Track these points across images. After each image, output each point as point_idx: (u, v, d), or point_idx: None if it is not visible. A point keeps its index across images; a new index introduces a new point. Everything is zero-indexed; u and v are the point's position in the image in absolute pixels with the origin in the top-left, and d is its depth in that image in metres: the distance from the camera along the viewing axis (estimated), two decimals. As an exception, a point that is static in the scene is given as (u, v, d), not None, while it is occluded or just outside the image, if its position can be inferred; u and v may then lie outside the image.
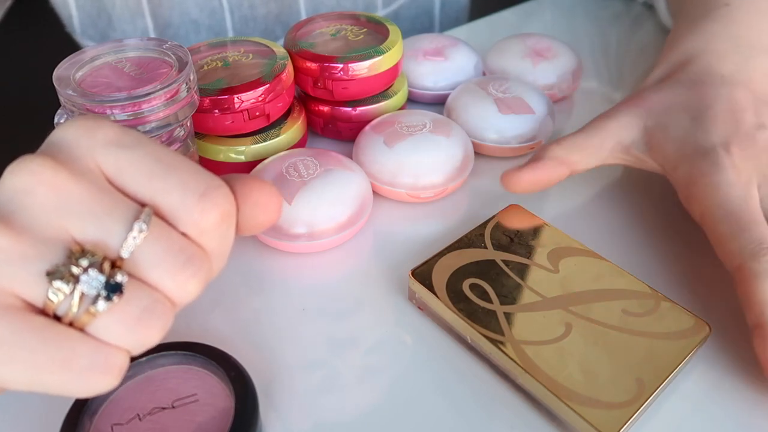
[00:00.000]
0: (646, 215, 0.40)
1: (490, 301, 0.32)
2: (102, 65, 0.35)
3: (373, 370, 0.32)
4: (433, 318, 0.34)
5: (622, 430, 0.27)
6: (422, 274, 0.34)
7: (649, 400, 0.28)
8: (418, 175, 0.40)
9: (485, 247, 0.35)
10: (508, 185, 0.38)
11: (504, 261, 0.35)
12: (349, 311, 0.35)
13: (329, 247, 0.38)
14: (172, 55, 0.35)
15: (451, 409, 0.30)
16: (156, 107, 0.33)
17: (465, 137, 0.42)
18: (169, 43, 0.36)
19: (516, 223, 0.37)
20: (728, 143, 0.34)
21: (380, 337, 0.34)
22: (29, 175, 0.21)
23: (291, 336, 0.34)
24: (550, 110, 0.45)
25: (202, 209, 0.21)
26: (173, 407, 0.28)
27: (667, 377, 0.29)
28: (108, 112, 0.32)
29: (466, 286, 0.33)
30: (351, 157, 0.42)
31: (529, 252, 0.35)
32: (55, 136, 0.22)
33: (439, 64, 0.50)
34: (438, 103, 0.50)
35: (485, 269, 0.34)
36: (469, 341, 0.32)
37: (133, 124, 0.33)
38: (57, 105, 0.35)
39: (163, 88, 0.33)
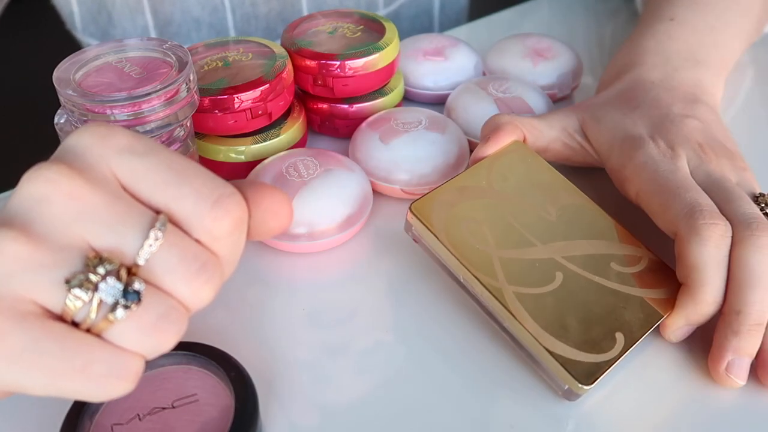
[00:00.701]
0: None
1: (486, 242, 0.32)
2: (102, 65, 0.35)
3: (373, 370, 0.32)
4: (427, 252, 0.34)
5: (598, 380, 0.28)
6: (420, 208, 0.33)
7: (627, 353, 0.29)
8: (413, 172, 0.40)
9: (486, 186, 0.35)
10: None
11: (502, 203, 0.34)
12: (349, 311, 0.35)
13: (329, 247, 0.38)
14: (172, 55, 0.35)
15: (454, 409, 0.31)
16: (156, 107, 0.33)
17: (460, 134, 0.42)
18: (169, 43, 0.36)
19: (518, 162, 0.37)
20: (653, 133, 0.36)
21: (380, 337, 0.34)
22: (46, 183, 0.21)
23: (291, 336, 0.34)
24: (550, 110, 0.45)
25: (215, 217, 0.21)
26: (173, 407, 0.29)
27: (646, 333, 0.30)
28: (108, 112, 0.32)
29: (462, 226, 0.33)
30: (347, 154, 0.42)
31: (528, 195, 0.35)
32: (69, 143, 0.22)
33: (439, 64, 0.50)
34: (438, 103, 0.50)
35: (483, 209, 0.34)
36: (462, 280, 0.32)
37: (133, 124, 0.33)
38: (57, 105, 0.35)
39: (163, 88, 0.33)
